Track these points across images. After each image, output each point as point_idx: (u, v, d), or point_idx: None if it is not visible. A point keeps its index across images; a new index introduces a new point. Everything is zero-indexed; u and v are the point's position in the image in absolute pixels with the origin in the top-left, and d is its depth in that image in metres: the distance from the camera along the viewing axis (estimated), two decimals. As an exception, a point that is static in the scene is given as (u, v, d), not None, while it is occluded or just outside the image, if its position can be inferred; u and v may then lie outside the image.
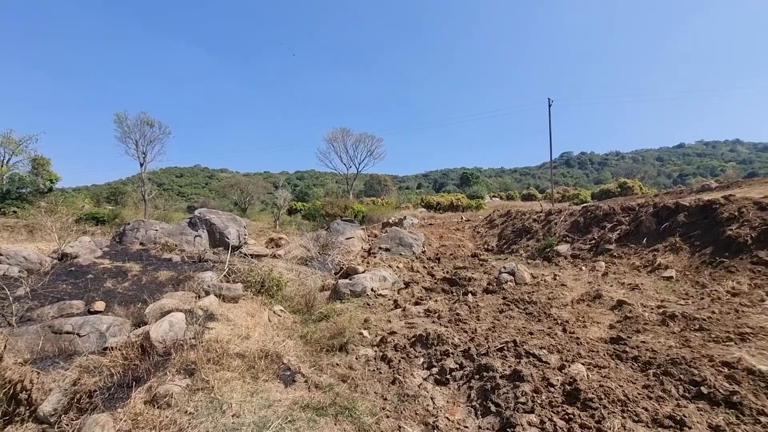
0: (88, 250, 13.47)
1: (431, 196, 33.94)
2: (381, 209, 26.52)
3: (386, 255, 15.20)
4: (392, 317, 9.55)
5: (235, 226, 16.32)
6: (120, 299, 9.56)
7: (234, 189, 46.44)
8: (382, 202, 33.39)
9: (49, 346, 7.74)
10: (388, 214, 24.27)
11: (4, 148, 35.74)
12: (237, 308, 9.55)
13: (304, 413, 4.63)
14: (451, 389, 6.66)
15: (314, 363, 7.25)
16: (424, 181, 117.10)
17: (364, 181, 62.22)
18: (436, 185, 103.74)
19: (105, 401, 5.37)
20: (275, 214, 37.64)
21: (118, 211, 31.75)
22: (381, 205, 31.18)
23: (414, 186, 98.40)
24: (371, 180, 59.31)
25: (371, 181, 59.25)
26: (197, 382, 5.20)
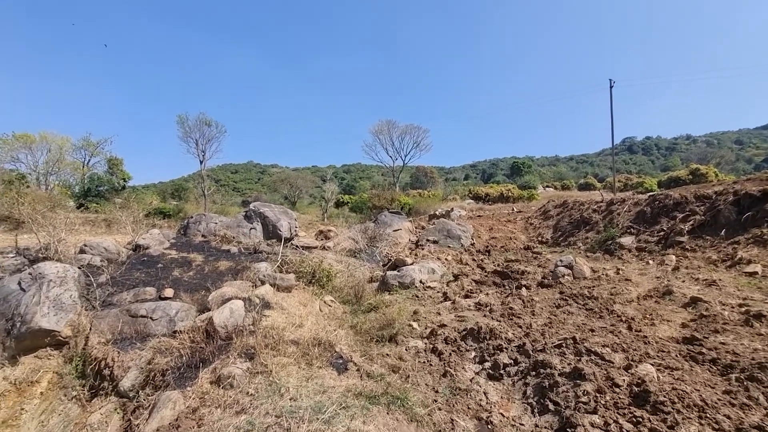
0: (157, 241, 14.59)
1: (479, 187, 32.92)
2: (427, 201, 26.19)
3: (434, 247, 15.02)
4: (442, 310, 9.43)
5: (286, 219, 16.91)
6: (186, 287, 10.26)
7: (284, 183, 48.23)
8: (428, 194, 32.98)
9: (127, 328, 8.51)
10: (434, 206, 23.95)
11: (85, 150, 39.80)
12: (290, 297, 9.90)
13: (357, 400, 4.69)
14: (504, 385, 6.45)
15: (365, 353, 7.34)
16: (471, 172, 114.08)
17: (410, 174, 61.84)
18: (485, 176, 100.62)
19: (176, 380, 5.82)
20: (323, 207, 38.57)
21: (181, 206, 34.16)
22: (427, 197, 30.80)
23: (461, 177, 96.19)
24: (417, 172, 58.80)
25: (417, 173, 58.75)
26: (257, 365, 5.46)
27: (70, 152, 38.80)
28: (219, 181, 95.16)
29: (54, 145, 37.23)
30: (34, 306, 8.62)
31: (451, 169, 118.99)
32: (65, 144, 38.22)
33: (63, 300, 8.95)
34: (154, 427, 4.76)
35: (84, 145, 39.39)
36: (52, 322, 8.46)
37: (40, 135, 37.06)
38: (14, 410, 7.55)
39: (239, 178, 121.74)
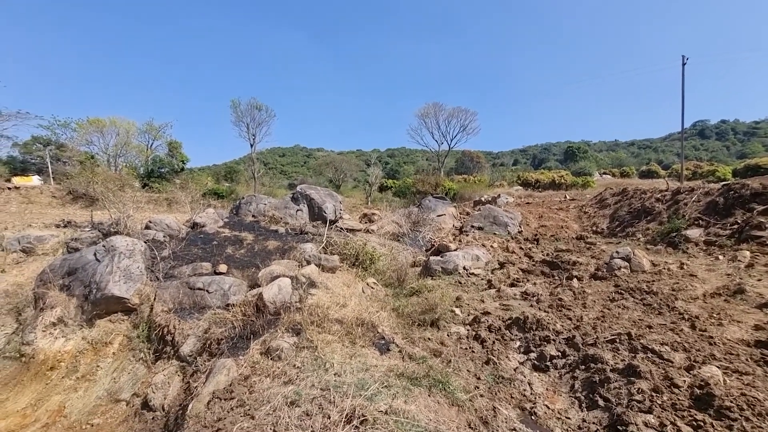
0: (212, 220, 15.47)
1: (529, 173, 31.43)
2: (473, 187, 25.49)
3: (479, 234, 14.68)
4: (485, 297, 9.25)
5: (331, 201, 17.23)
6: (237, 263, 10.83)
7: (329, 167, 49.09)
8: (474, 180, 32.05)
9: (186, 299, 9.17)
10: (480, 191, 23.28)
11: (148, 134, 42.74)
12: (334, 278, 10.15)
13: (399, 381, 4.75)
14: (551, 377, 6.26)
15: (406, 335, 7.40)
16: (521, 157, 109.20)
17: (455, 158, 60.35)
18: (535, 161, 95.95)
19: (229, 349, 6.21)
20: (367, 191, 38.91)
21: (233, 188, 35.92)
22: (473, 182, 29.95)
23: (509, 162, 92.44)
24: (463, 157, 57.23)
25: (463, 157, 57.17)
26: (303, 341, 5.68)
27: (136, 136, 41.89)
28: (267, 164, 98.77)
29: (122, 130, 40.32)
30: (108, 275, 9.51)
31: (498, 154, 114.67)
32: (131, 128, 41.26)
33: (132, 270, 9.78)
34: (210, 390, 5.12)
35: (147, 129, 42.37)
36: (122, 290, 9.30)
37: (110, 120, 40.29)
38: (92, 366, 8.45)
39: (286, 161, 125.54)
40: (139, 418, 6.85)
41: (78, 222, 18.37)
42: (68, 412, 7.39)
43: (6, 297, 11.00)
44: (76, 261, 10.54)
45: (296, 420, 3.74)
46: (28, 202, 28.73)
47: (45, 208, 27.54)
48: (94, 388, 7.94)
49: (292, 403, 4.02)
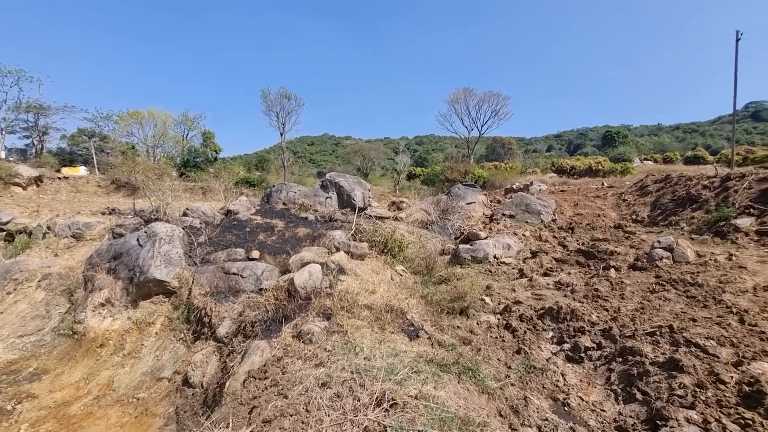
0: (245, 207, 15.91)
1: (564, 160, 30.10)
2: (504, 174, 24.78)
3: (510, 222, 14.34)
4: (517, 286, 9.07)
5: (360, 189, 17.30)
6: (269, 249, 11.11)
7: (357, 155, 49.16)
8: (505, 167, 31.10)
9: (222, 283, 9.53)
10: (512, 179, 22.64)
11: (183, 125, 44.27)
12: (363, 265, 10.23)
13: (428, 367, 4.75)
14: (585, 368, 6.08)
15: (435, 323, 7.38)
16: (555, 143, 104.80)
17: (486, 145, 58.72)
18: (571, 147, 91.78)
19: (263, 331, 6.41)
20: (395, 179, 38.77)
21: (264, 176, 36.74)
22: (504, 169, 29.09)
23: (543, 148, 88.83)
24: (494, 143, 55.54)
25: (494, 144, 55.46)
26: (333, 325, 5.78)
27: (172, 127, 43.51)
28: (296, 153, 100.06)
29: (159, 121, 41.93)
30: (149, 259, 10.01)
31: (531, 140, 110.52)
32: (168, 119, 42.83)
33: (171, 255, 10.25)
34: (245, 369, 5.32)
35: (183, 120, 43.87)
36: (163, 274, 9.77)
37: (148, 112, 41.98)
38: (137, 345, 8.97)
39: (315, 149, 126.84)
40: (180, 394, 7.25)
41: (121, 209, 19.42)
42: (116, 386, 7.91)
43: (59, 279, 11.82)
44: (121, 246, 11.15)
45: (327, 401, 3.82)
46: (76, 191, 30.63)
47: (91, 197, 29.29)
48: (139, 364, 8.45)
49: (324, 384, 4.11)
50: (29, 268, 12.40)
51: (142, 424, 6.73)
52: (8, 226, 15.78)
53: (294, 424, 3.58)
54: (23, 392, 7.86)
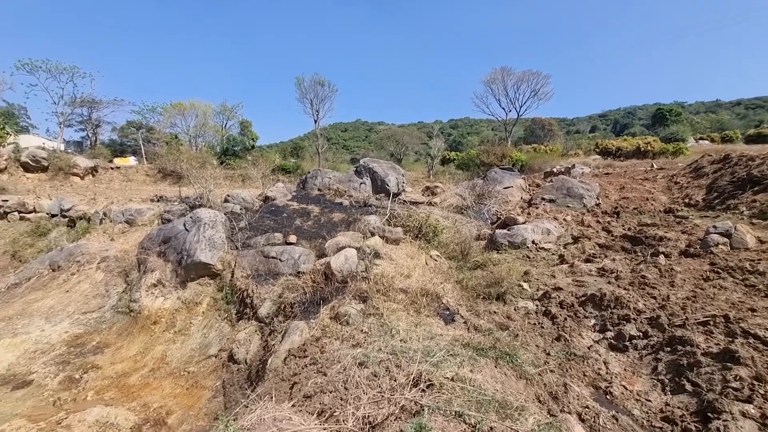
0: (282, 194, 16.35)
1: (609, 141, 28.32)
2: (543, 157, 23.72)
3: (550, 206, 13.83)
4: (557, 272, 8.79)
5: (394, 174, 17.27)
6: (305, 234, 11.38)
7: (390, 140, 48.90)
8: (545, 149, 29.71)
9: (261, 266, 9.90)
10: (552, 162, 21.66)
11: (222, 114, 45.74)
12: (398, 249, 10.28)
13: (464, 350, 4.74)
14: (629, 357, 5.85)
15: (471, 308, 7.33)
16: (600, 123, 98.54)
17: (524, 127, 56.35)
18: (617, 127, 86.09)
19: (301, 312, 6.64)
20: (429, 164, 38.29)
21: (299, 163, 37.43)
22: (544, 152, 27.82)
23: (586, 129, 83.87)
24: (533, 125, 53.09)
25: (533, 125, 53.01)
26: (369, 308, 5.89)
27: (212, 117, 45.08)
28: (330, 140, 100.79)
29: (200, 111, 43.57)
30: (195, 243, 10.55)
31: (574, 120, 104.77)
32: (208, 110, 44.38)
33: (215, 239, 10.75)
34: (286, 347, 5.54)
35: (222, 110, 45.31)
36: (208, 257, 10.29)
37: (189, 103, 43.67)
38: (186, 323, 9.56)
39: (348, 136, 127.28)
40: (226, 369, 7.69)
41: (168, 197, 20.52)
42: (169, 360, 8.50)
43: (116, 261, 12.74)
44: (169, 231, 11.82)
45: (365, 380, 3.91)
46: (127, 180, 32.64)
47: (141, 185, 31.12)
48: (189, 341, 9.01)
49: (361, 364, 4.21)
50: (89, 251, 13.44)
51: (192, 396, 7.21)
52: (70, 212, 17.14)
53: (333, 400, 3.70)
54: (88, 363, 8.62)
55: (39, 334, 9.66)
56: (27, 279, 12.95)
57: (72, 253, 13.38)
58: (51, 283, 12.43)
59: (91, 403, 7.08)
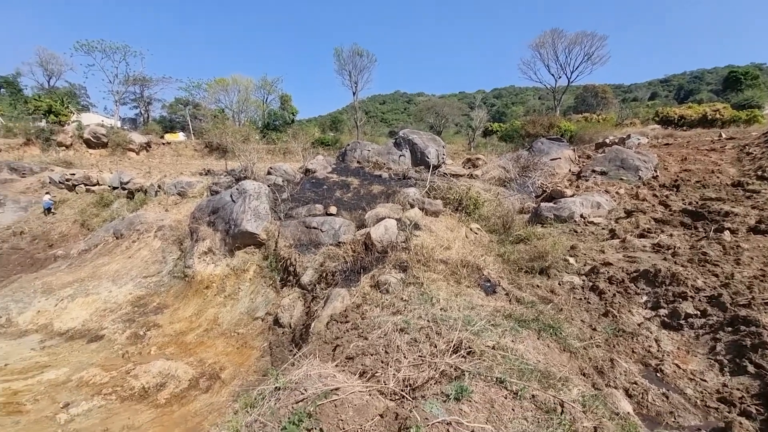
0: (322, 166, 16.55)
1: (670, 108, 25.69)
2: (595, 127, 22.07)
3: (601, 179, 13.02)
4: (606, 247, 8.37)
5: (434, 146, 16.91)
6: (345, 206, 11.52)
7: (430, 112, 47.56)
8: (597, 119, 27.50)
9: (303, 236, 10.19)
10: (604, 132, 20.17)
11: (263, 89, 46.50)
12: (437, 222, 10.18)
13: (506, 321, 4.67)
14: (684, 336, 5.53)
15: (513, 281, 7.18)
16: (661, 89, 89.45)
17: (575, 95, 52.59)
18: (680, 94, 77.90)
19: (342, 280, 6.80)
20: (469, 137, 37.05)
21: (337, 137, 37.59)
22: (596, 122, 25.82)
23: (645, 96, 76.53)
24: (584, 92, 49.30)
25: (584, 93, 49.21)
26: (409, 277, 5.92)
27: (253, 91, 45.97)
28: (368, 113, 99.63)
29: (242, 87, 44.50)
30: (241, 214, 11.01)
31: (631, 87, 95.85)
32: (249, 85, 45.21)
33: (259, 210, 11.15)
34: (328, 313, 5.73)
35: (262, 85, 46.06)
36: (253, 227, 10.73)
37: (232, 78, 44.65)
38: (235, 288, 10.13)
39: (386, 108, 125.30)
40: (272, 332, 8.12)
41: (215, 170, 21.44)
42: (220, 321, 9.10)
43: (171, 230, 13.62)
44: (218, 202, 12.39)
45: (405, 345, 3.97)
46: (177, 155, 34.40)
47: (189, 159, 32.69)
48: (238, 305, 9.58)
49: (402, 330, 4.26)
50: (147, 220, 14.45)
51: (242, 354, 7.71)
52: (128, 185, 18.41)
53: (374, 362, 3.79)
54: (150, 322, 9.42)
55: (107, 294, 10.63)
56: (95, 245, 14.20)
57: (132, 223, 14.45)
58: (115, 249, 13.55)
59: (154, 356, 7.77)
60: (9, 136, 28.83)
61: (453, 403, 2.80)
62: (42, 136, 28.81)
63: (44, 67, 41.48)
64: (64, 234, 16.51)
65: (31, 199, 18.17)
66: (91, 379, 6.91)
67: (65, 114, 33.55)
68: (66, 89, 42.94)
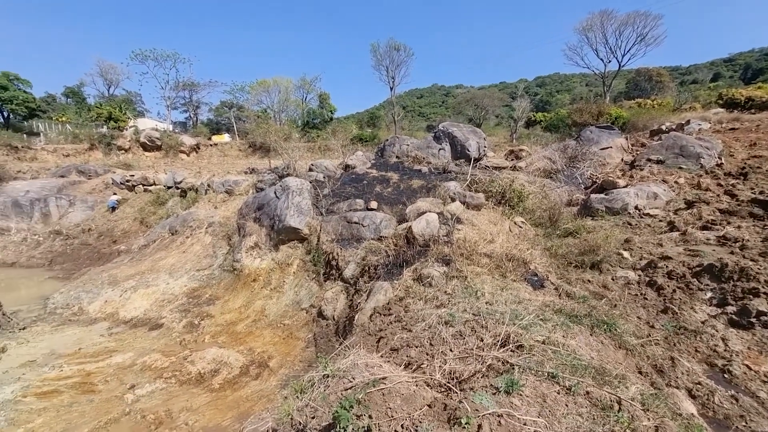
0: (361, 162, 16.70)
1: (736, 90, 23.39)
2: (650, 113, 20.49)
3: (658, 168, 12.13)
4: (665, 241, 7.84)
5: (475, 138, 16.55)
6: (385, 201, 11.56)
7: (469, 104, 46.45)
8: (652, 104, 25.57)
9: (345, 231, 10.35)
10: (660, 118, 18.72)
11: (302, 88, 47.64)
12: (480, 215, 9.96)
13: (556, 316, 4.50)
14: (756, 335, 5.07)
15: (561, 275, 6.90)
16: (725, 70, 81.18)
17: (626, 80, 49.14)
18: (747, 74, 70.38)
19: (384, 274, 6.84)
20: (511, 128, 35.86)
21: (375, 133, 37.76)
22: (650, 107, 23.97)
23: (706, 78, 70.14)
24: (637, 76, 45.74)
25: (637, 77, 45.65)
26: (452, 271, 5.84)
27: (293, 91, 47.24)
28: (405, 108, 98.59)
29: (282, 87, 45.86)
30: (285, 209, 11.36)
31: (690, 68, 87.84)
32: (289, 85, 46.49)
33: (302, 206, 11.46)
34: (371, 305, 5.80)
35: (302, 84, 47.24)
36: (296, 222, 11.04)
37: (273, 80, 46.11)
38: (280, 281, 10.49)
39: (424, 102, 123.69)
40: (316, 324, 8.35)
41: (259, 168, 22.27)
42: (267, 313, 9.46)
43: (220, 226, 14.32)
44: (262, 198, 12.86)
45: (450, 338, 3.93)
46: (223, 155, 36.11)
47: (235, 159, 34.19)
48: (283, 297, 9.91)
49: (446, 323, 4.23)
50: (199, 217, 15.29)
51: (289, 345, 7.99)
52: (181, 184, 19.56)
53: (419, 354, 3.79)
54: (204, 312, 9.98)
55: (165, 286, 11.37)
56: (153, 241, 15.23)
57: (185, 220, 15.34)
58: (171, 244, 14.45)
59: (208, 344, 8.23)
60: (76, 141, 31.56)
61: (503, 396, 2.74)
62: (104, 141, 31.35)
63: (104, 77, 44.89)
64: (126, 230, 17.83)
65: (97, 199, 19.79)
66: (153, 363, 7.43)
67: (123, 120, 36.17)
68: (123, 96, 46.28)
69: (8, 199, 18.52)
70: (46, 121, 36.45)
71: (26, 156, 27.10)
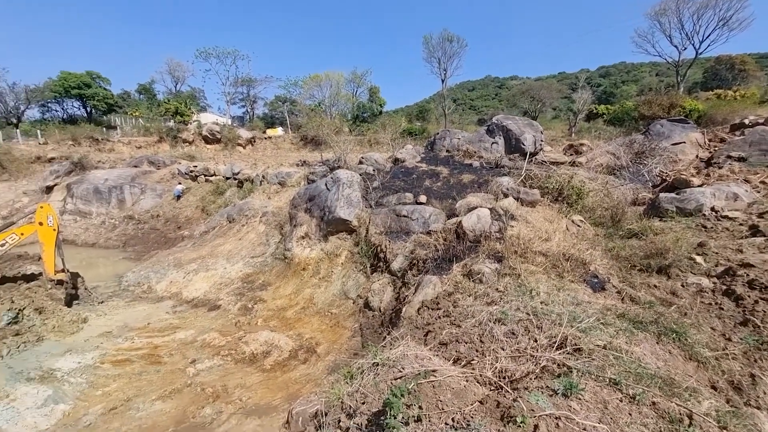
0: (410, 155, 16.62)
1: None
2: (731, 105, 18.36)
3: (739, 166, 10.89)
4: (746, 246, 7.07)
5: (531, 132, 15.84)
6: (435, 195, 11.44)
7: (524, 96, 44.31)
8: (733, 95, 22.93)
9: (393, 224, 10.39)
10: (743, 111, 16.72)
11: (353, 83, 48.25)
12: (534, 212, 9.56)
13: (619, 321, 4.22)
14: None
15: (624, 279, 6.45)
16: None
17: (703, 68, 44.45)
18: None
19: (433, 268, 6.78)
20: (570, 121, 33.85)
21: (424, 126, 37.40)
22: (731, 99, 21.52)
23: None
24: (716, 65, 40.99)
25: (716, 66, 40.89)
26: (505, 268, 5.66)
27: (344, 85, 47.98)
28: (456, 101, 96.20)
29: (334, 81, 46.70)
30: (335, 201, 11.62)
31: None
32: (340, 79, 47.22)
33: (352, 198, 11.65)
34: (419, 299, 5.78)
35: (352, 78, 47.88)
36: (346, 213, 11.26)
37: (325, 74, 47.07)
38: (328, 271, 10.77)
39: (476, 95, 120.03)
40: (362, 314, 8.49)
41: (310, 161, 22.95)
42: (316, 301, 9.77)
43: (273, 216, 14.95)
44: (314, 190, 13.24)
45: (502, 336, 3.82)
46: (277, 148, 37.60)
47: (287, 152, 35.46)
48: (331, 287, 10.18)
49: (498, 320, 4.11)
50: (253, 207, 16.07)
51: (335, 333, 8.20)
52: (238, 175, 20.67)
53: (469, 350, 3.72)
54: (257, 297, 10.51)
55: (222, 271, 12.10)
56: (212, 228, 16.24)
57: (242, 209, 16.19)
58: (228, 232, 15.33)
59: (260, 327, 8.67)
60: (147, 134, 34.49)
61: (560, 399, 2.61)
62: (170, 134, 33.95)
63: (172, 74, 48.27)
64: (189, 217, 19.18)
65: (164, 188, 21.44)
66: (211, 341, 7.96)
67: (188, 114, 38.81)
68: (188, 92, 49.51)
69: (90, 186, 20.61)
70: (122, 116, 40.16)
71: (105, 147, 29.94)
